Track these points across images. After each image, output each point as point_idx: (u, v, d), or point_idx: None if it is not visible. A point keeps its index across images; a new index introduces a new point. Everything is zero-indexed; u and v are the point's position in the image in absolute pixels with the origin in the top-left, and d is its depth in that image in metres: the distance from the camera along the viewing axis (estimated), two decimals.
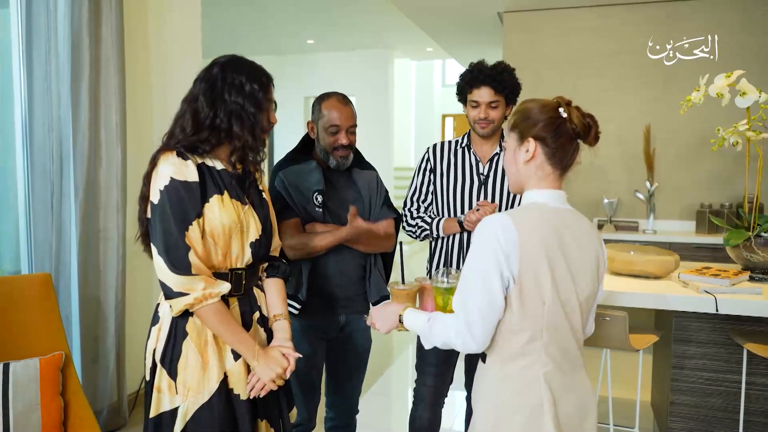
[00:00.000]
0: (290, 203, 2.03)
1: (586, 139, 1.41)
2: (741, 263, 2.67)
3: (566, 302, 1.36)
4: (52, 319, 2.39)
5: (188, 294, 1.49)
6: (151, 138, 3.38)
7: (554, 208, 1.41)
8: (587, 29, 4.85)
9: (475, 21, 5.61)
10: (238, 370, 1.58)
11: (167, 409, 1.54)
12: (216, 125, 1.54)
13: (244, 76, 1.56)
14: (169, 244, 1.48)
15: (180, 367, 1.54)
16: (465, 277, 1.36)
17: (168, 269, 1.50)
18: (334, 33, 7.52)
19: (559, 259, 1.34)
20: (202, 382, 1.54)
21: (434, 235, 2.26)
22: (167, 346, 1.56)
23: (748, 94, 2.59)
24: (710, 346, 2.56)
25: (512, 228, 1.31)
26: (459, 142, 2.30)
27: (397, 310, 1.55)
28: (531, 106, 1.43)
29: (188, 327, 1.56)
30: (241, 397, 1.58)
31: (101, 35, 2.90)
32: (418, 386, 2.30)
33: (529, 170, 1.43)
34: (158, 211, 1.50)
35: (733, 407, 2.54)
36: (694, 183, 4.69)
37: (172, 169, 1.50)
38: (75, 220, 2.84)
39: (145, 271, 3.40)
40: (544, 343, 1.35)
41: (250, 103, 1.56)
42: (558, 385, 1.37)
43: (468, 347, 1.36)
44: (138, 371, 3.36)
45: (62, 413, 2.21)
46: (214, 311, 1.52)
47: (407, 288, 1.69)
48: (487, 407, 1.40)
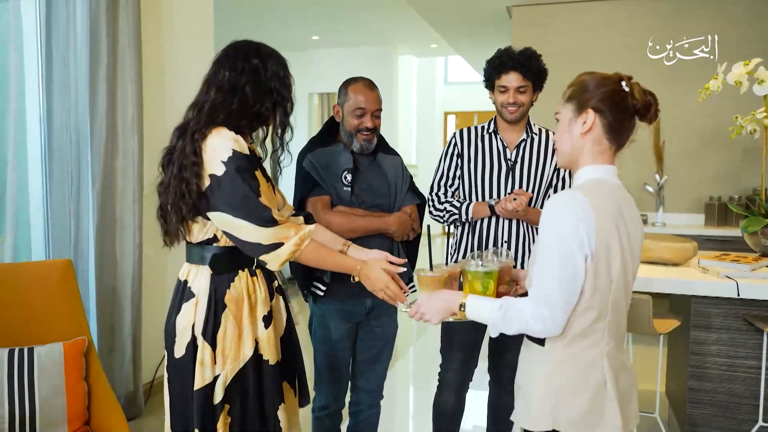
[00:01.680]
0: (320, 182, 2.06)
1: (645, 116, 1.37)
2: (759, 250, 2.69)
3: (628, 278, 1.36)
4: (74, 305, 2.39)
5: (284, 243, 1.53)
6: (165, 128, 3.37)
7: (613, 184, 1.39)
8: (596, 23, 4.86)
9: (483, 15, 5.62)
10: (267, 337, 1.64)
11: (209, 381, 1.59)
12: (260, 113, 1.62)
13: (280, 65, 1.64)
14: (250, 206, 1.51)
15: (219, 337, 1.59)
16: (544, 258, 1.31)
17: (255, 226, 1.52)
18: (339, 29, 7.52)
19: (624, 236, 1.33)
20: (239, 351, 1.60)
21: (463, 219, 2.27)
22: (207, 319, 1.59)
23: (766, 82, 2.61)
24: (728, 331, 2.56)
25: (588, 204, 1.29)
26: (486, 128, 2.31)
27: (451, 298, 1.47)
28: (590, 77, 1.40)
29: (227, 299, 1.60)
30: (270, 362, 1.64)
31: (119, 24, 2.90)
32: (443, 371, 2.30)
33: (585, 143, 1.39)
34: (228, 180, 1.51)
35: (752, 393, 2.55)
36: (702, 177, 4.71)
37: (233, 143, 1.54)
38: (92, 209, 2.84)
39: (161, 261, 3.41)
40: (608, 322, 1.34)
41: (287, 91, 1.65)
42: (616, 363, 1.36)
43: (549, 331, 1.31)
44: (155, 360, 3.37)
45: (86, 398, 2.21)
46: (313, 249, 1.57)
47: (437, 274, 1.63)
48: (546, 390, 1.37)
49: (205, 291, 1.60)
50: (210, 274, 1.60)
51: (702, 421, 2.63)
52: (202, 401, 1.58)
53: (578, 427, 1.34)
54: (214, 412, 1.58)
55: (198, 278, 1.62)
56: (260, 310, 1.64)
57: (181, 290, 1.66)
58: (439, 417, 2.31)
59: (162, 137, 3.35)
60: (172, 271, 3.50)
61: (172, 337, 1.63)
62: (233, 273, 1.61)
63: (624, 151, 1.45)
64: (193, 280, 1.64)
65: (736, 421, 2.57)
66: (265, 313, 1.65)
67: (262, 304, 1.65)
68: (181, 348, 1.61)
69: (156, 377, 3.37)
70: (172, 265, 3.50)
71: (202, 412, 1.58)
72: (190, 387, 1.59)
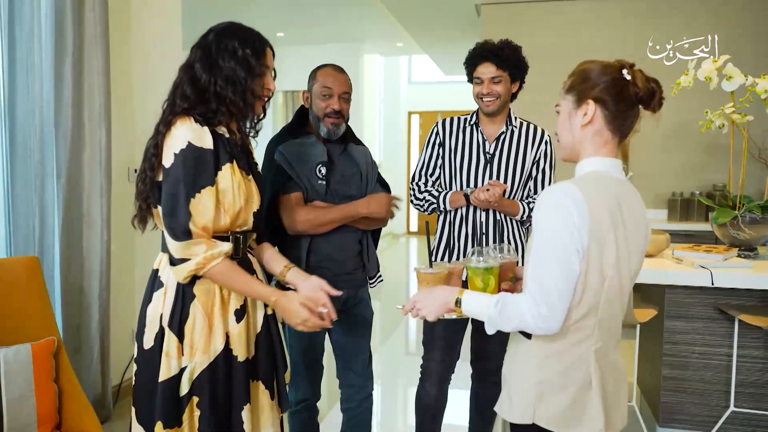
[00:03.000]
0: (293, 176, 2.02)
1: (649, 104, 1.32)
2: (727, 241, 2.77)
3: (623, 276, 1.32)
4: (41, 304, 2.28)
5: (190, 259, 1.50)
6: (133, 119, 3.28)
7: (614, 178, 1.34)
8: (567, 23, 4.92)
9: (452, 13, 5.65)
10: (238, 331, 1.60)
11: (175, 372, 1.54)
12: (218, 93, 1.54)
13: (236, 41, 1.56)
14: (172, 209, 1.49)
15: (187, 328, 1.54)
16: (539, 253, 1.27)
17: (169, 236, 1.51)
18: (304, 26, 7.45)
19: (621, 232, 1.29)
20: (209, 343, 1.55)
21: (441, 208, 2.27)
22: (174, 309, 1.55)
23: (734, 78, 2.69)
24: (701, 320, 2.64)
25: (581, 199, 1.24)
26: (467, 120, 2.31)
27: (449, 294, 1.43)
28: (590, 66, 1.35)
29: (196, 289, 1.55)
30: (239, 358, 1.59)
31: (85, 13, 2.79)
32: (425, 362, 2.29)
33: (586, 135, 1.35)
34: (170, 174, 1.49)
35: (724, 379, 2.63)
36: (665, 172, 4.83)
37: (191, 134, 1.49)
38: (58, 203, 2.72)
39: (129, 257, 3.30)
40: (599, 319, 1.30)
41: (242, 68, 1.55)
42: (605, 362, 1.33)
43: (548, 327, 1.26)
44: (124, 361, 3.25)
45: (57, 400, 2.11)
46: (222, 271, 1.52)
47: (436, 271, 1.59)
48: (530, 384, 1.34)
49: (173, 280, 1.56)
50: None
51: (676, 409, 2.69)
52: (167, 393, 1.53)
53: (558, 423, 1.32)
54: (180, 404, 1.54)
55: (168, 267, 1.57)
56: (232, 303, 1.59)
57: (152, 279, 1.61)
58: (422, 409, 2.30)
59: (131, 128, 3.30)
60: (142, 268, 3.39)
61: (142, 328, 1.59)
62: None
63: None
64: (163, 269, 1.60)
65: (708, 407, 2.65)
66: (238, 307, 1.60)
67: (234, 297, 1.60)
68: (150, 339, 1.57)
69: (124, 379, 3.25)
70: (141, 261, 3.39)
71: (166, 404, 1.53)
72: (155, 379, 1.54)
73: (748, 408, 2.59)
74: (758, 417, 2.60)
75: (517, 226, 2.29)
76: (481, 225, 2.24)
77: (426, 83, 11.12)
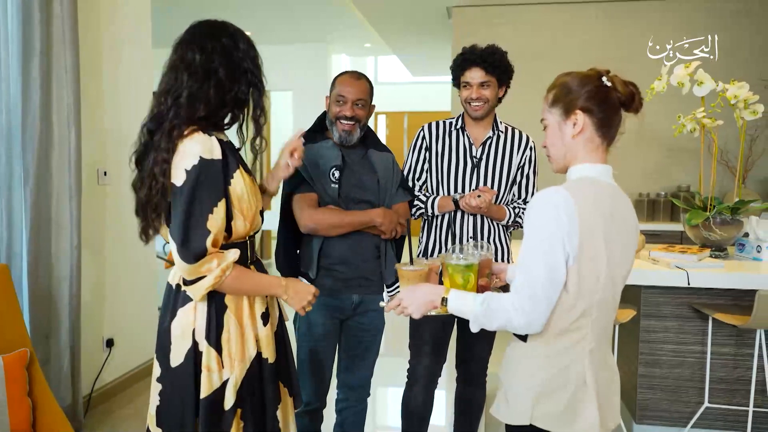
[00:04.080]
0: (307, 178, 2.01)
1: (631, 106, 1.38)
2: (699, 241, 2.85)
3: (615, 278, 1.36)
4: (12, 314, 2.19)
5: (206, 276, 1.44)
6: (103, 120, 3.18)
7: (606, 183, 1.38)
8: (538, 26, 4.98)
9: (423, 14, 5.66)
10: (266, 334, 1.59)
11: (217, 386, 1.49)
12: (238, 98, 1.51)
13: (249, 44, 1.54)
14: (186, 232, 1.41)
15: (224, 340, 1.51)
16: (527, 252, 1.31)
17: (180, 259, 1.43)
18: (272, 25, 7.36)
19: (612, 234, 1.32)
20: (245, 351, 1.53)
21: (429, 213, 2.26)
22: (210, 322, 1.50)
23: (705, 83, 2.77)
24: (676, 319, 2.71)
25: (572, 202, 1.27)
26: (453, 124, 2.31)
27: (433, 291, 1.45)
28: (569, 79, 1.40)
29: (227, 300, 1.52)
30: (270, 360, 1.58)
31: (53, 10, 2.69)
32: (413, 366, 2.28)
33: (578, 144, 1.39)
34: (183, 193, 1.41)
35: (698, 376, 2.70)
36: (632, 174, 4.95)
37: (200, 148, 1.43)
38: (25, 208, 2.61)
39: (101, 262, 3.20)
40: (593, 320, 1.34)
41: (259, 70, 1.55)
42: (598, 362, 1.37)
43: (531, 326, 1.30)
44: (94, 370, 3.15)
45: (31, 414, 2.03)
46: (234, 277, 1.48)
47: (418, 268, 1.61)
48: (527, 385, 1.38)
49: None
50: None
51: (653, 405, 2.76)
52: (212, 408, 1.48)
53: (555, 423, 1.35)
54: (224, 418, 1.49)
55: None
56: (258, 307, 1.58)
57: (173, 295, 1.54)
58: (409, 413, 2.29)
59: (101, 129, 3.19)
60: (113, 273, 3.30)
61: (166, 345, 1.51)
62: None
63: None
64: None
65: (684, 404, 2.72)
66: (263, 310, 1.59)
67: (259, 300, 1.58)
68: (179, 355, 1.50)
69: (95, 389, 3.15)
70: (113, 268, 3.29)
71: (212, 420, 1.48)
72: (190, 396, 1.49)
73: (721, 404, 2.68)
74: (731, 412, 2.68)
75: (503, 231, 2.31)
76: (468, 229, 2.24)
77: (393, 84, 11.14)
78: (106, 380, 3.26)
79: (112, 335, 3.29)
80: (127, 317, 3.42)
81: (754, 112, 2.74)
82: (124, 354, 3.40)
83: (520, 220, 2.28)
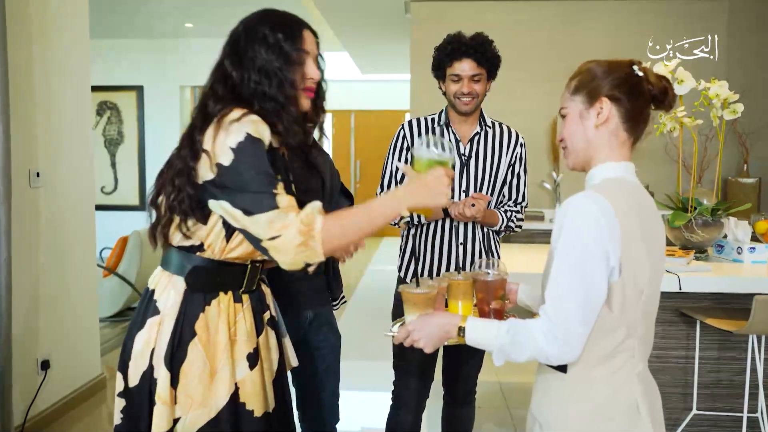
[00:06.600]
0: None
1: (663, 102, 1.26)
2: (680, 243, 2.78)
3: (656, 287, 1.24)
4: None
5: (285, 231, 1.16)
6: (34, 116, 2.82)
7: (633, 182, 1.26)
8: (499, 22, 4.87)
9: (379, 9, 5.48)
10: (252, 380, 1.29)
11: (168, 427, 1.23)
12: (254, 89, 1.28)
13: (267, 27, 1.33)
14: (254, 192, 1.18)
15: (183, 372, 1.24)
16: (559, 271, 1.15)
17: (256, 216, 1.18)
18: (215, 16, 6.98)
19: (649, 241, 1.20)
20: (209, 395, 1.25)
21: (415, 222, 2.07)
22: (171, 344, 1.24)
23: (686, 82, 2.70)
24: (662, 324, 2.63)
25: (611, 211, 1.13)
26: (436, 120, 2.13)
27: (449, 321, 1.27)
28: (597, 65, 1.26)
29: (198, 326, 1.26)
30: (255, 413, 1.29)
31: None
32: (398, 389, 2.08)
33: (602, 137, 1.25)
34: (236, 170, 1.19)
35: (686, 382, 2.63)
36: None
37: (250, 126, 1.22)
38: None
39: (34, 274, 2.83)
40: (638, 337, 1.21)
41: (275, 56, 1.31)
42: (648, 383, 1.25)
43: (564, 356, 1.14)
44: (27, 396, 2.79)
45: None
46: (332, 222, 1.20)
47: (426, 291, 1.39)
48: (569, 418, 1.21)
49: (173, 309, 1.26)
50: (184, 290, 1.26)
51: None
52: None
53: None
54: None
55: (168, 291, 1.27)
56: (243, 347, 1.30)
57: (146, 300, 1.30)
58: None
59: (31, 126, 2.83)
60: (48, 286, 2.93)
61: (126, 359, 1.27)
62: (212, 294, 1.27)
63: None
64: (161, 292, 1.28)
65: (672, 410, 2.64)
66: (251, 351, 1.31)
67: (245, 338, 1.31)
68: (136, 376, 1.26)
69: (29, 417, 2.79)
70: (48, 279, 2.93)
71: None
72: (146, 428, 1.24)
73: (709, 410, 2.62)
74: (719, 418, 2.63)
75: (493, 237, 2.15)
76: (458, 236, 2.07)
77: (340, 81, 10.89)
78: (42, 407, 2.90)
79: (48, 356, 2.93)
80: (65, 334, 3.07)
81: (733, 111, 2.69)
82: (62, 376, 3.05)
83: (512, 224, 2.13)
